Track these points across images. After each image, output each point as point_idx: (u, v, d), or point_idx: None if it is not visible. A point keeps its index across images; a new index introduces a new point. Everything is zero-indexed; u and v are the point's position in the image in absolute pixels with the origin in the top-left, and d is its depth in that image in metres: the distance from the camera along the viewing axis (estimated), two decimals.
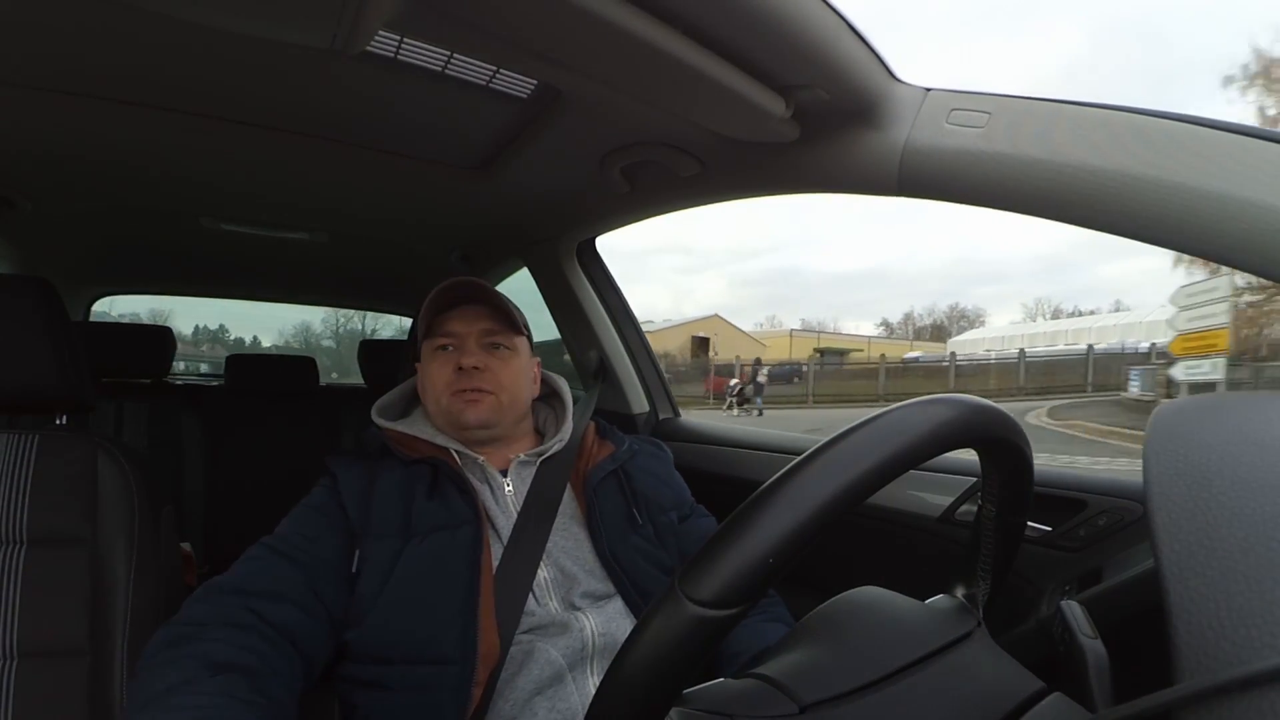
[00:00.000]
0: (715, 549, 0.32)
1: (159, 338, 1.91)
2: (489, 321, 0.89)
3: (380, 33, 0.62)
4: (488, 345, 0.88)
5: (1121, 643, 0.47)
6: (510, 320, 0.90)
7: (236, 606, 0.65)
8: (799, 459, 0.34)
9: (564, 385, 0.98)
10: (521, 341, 0.92)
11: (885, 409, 0.37)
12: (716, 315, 36.03)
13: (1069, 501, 0.79)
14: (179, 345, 2.02)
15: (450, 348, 0.87)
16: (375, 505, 0.77)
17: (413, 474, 0.81)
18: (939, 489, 0.91)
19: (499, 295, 0.89)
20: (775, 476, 0.34)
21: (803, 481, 0.33)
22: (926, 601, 0.50)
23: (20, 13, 0.63)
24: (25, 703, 0.69)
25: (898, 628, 0.45)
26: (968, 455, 0.46)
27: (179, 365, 3.42)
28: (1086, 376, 20.91)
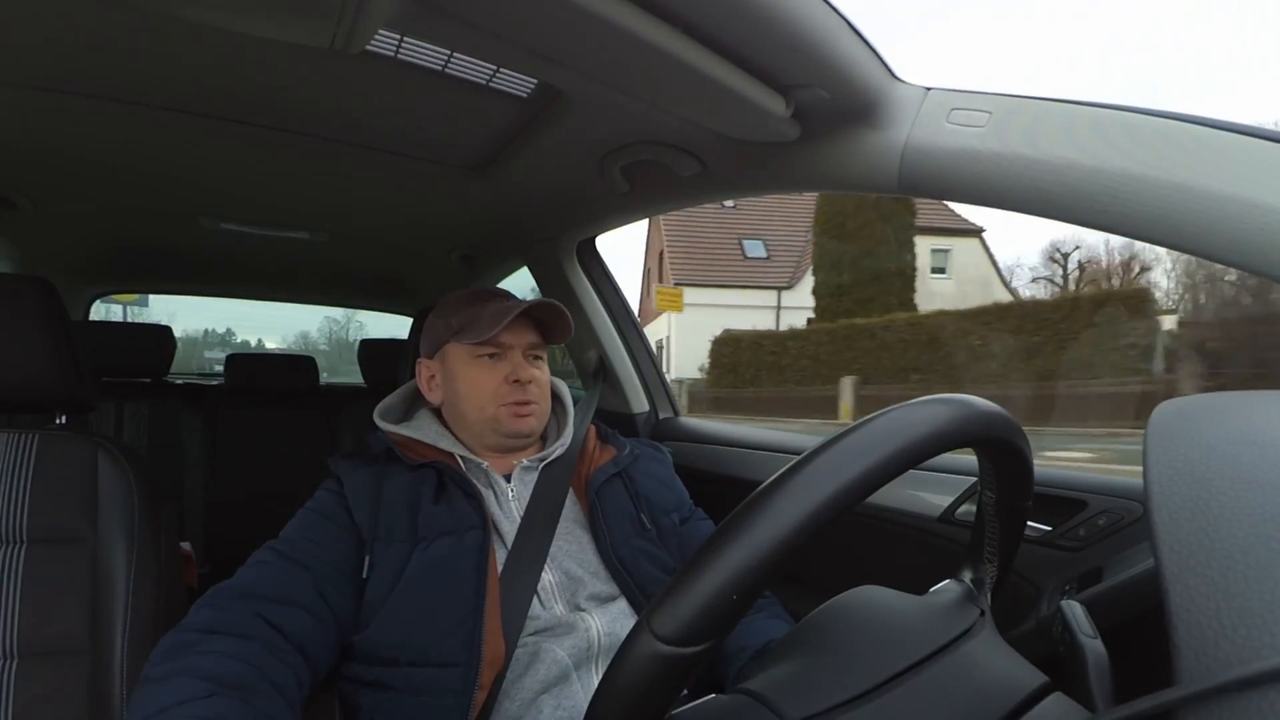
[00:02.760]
0: (680, 588, 0.32)
1: (159, 338, 1.91)
2: (534, 335, 0.90)
3: (380, 32, 0.62)
4: (530, 358, 0.90)
5: (1121, 643, 0.47)
6: (547, 335, 0.92)
7: (245, 612, 0.65)
8: (763, 486, 0.34)
9: (564, 388, 0.98)
10: None
11: (864, 419, 0.36)
12: None
13: (1069, 501, 0.79)
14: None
15: (494, 356, 0.87)
16: (383, 511, 0.77)
17: (418, 478, 0.81)
18: (939, 489, 0.91)
19: (559, 312, 0.89)
20: (742, 504, 0.33)
21: (766, 513, 0.32)
22: (932, 589, 0.49)
23: (20, 12, 0.63)
24: (25, 702, 0.69)
25: (895, 630, 0.44)
26: (968, 455, 0.46)
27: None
28: None
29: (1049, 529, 0.79)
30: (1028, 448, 0.45)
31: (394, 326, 2.60)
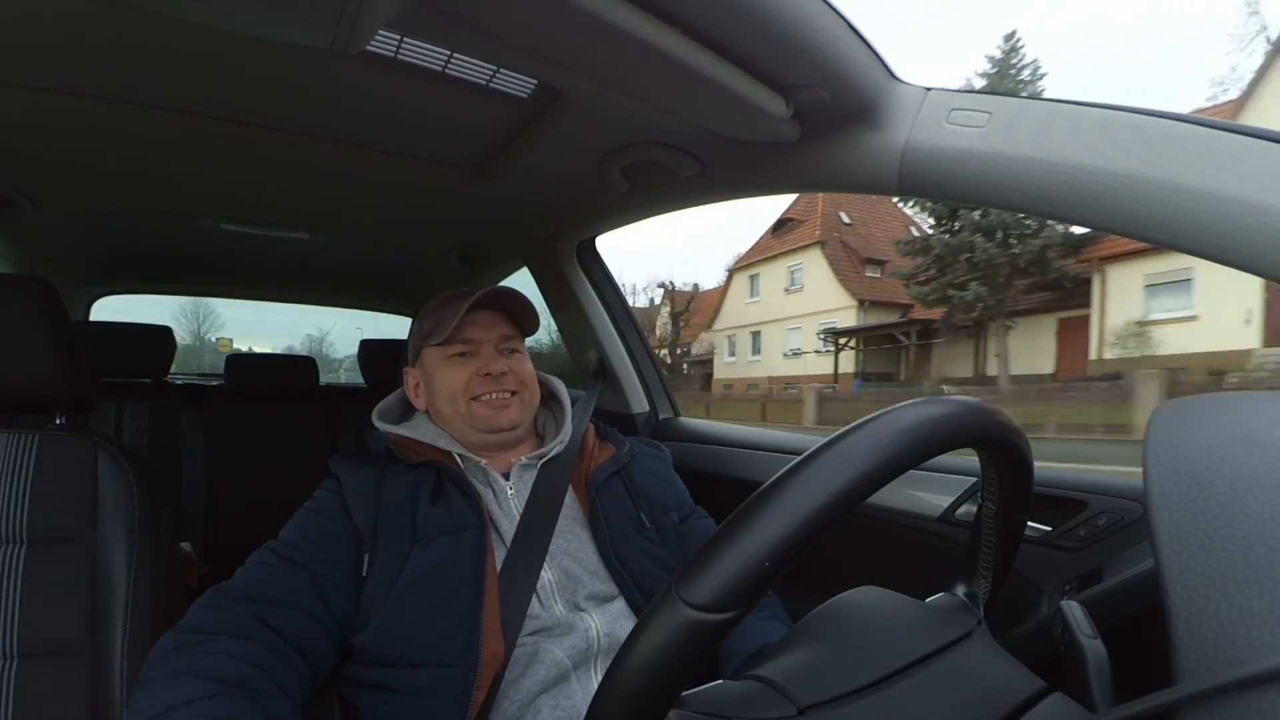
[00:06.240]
0: (712, 553, 0.32)
1: (159, 338, 1.91)
2: (506, 327, 0.90)
3: (380, 33, 0.62)
4: (504, 351, 0.89)
5: (1121, 643, 0.47)
6: (522, 327, 0.92)
7: (244, 614, 0.65)
8: (797, 460, 0.34)
9: (561, 387, 0.98)
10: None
11: (883, 410, 0.37)
12: None
13: (1069, 501, 0.79)
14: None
15: (466, 354, 0.88)
16: (382, 511, 0.77)
17: (417, 478, 0.81)
18: (939, 489, 0.91)
19: (518, 299, 0.89)
20: (773, 479, 0.34)
21: (801, 484, 0.33)
22: (927, 600, 0.50)
23: (20, 12, 0.63)
24: (25, 703, 0.69)
25: (898, 628, 0.45)
26: (968, 455, 0.46)
27: None
28: None
29: (1049, 529, 0.79)
30: (1031, 460, 0.45)
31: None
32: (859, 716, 0.38)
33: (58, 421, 0.84)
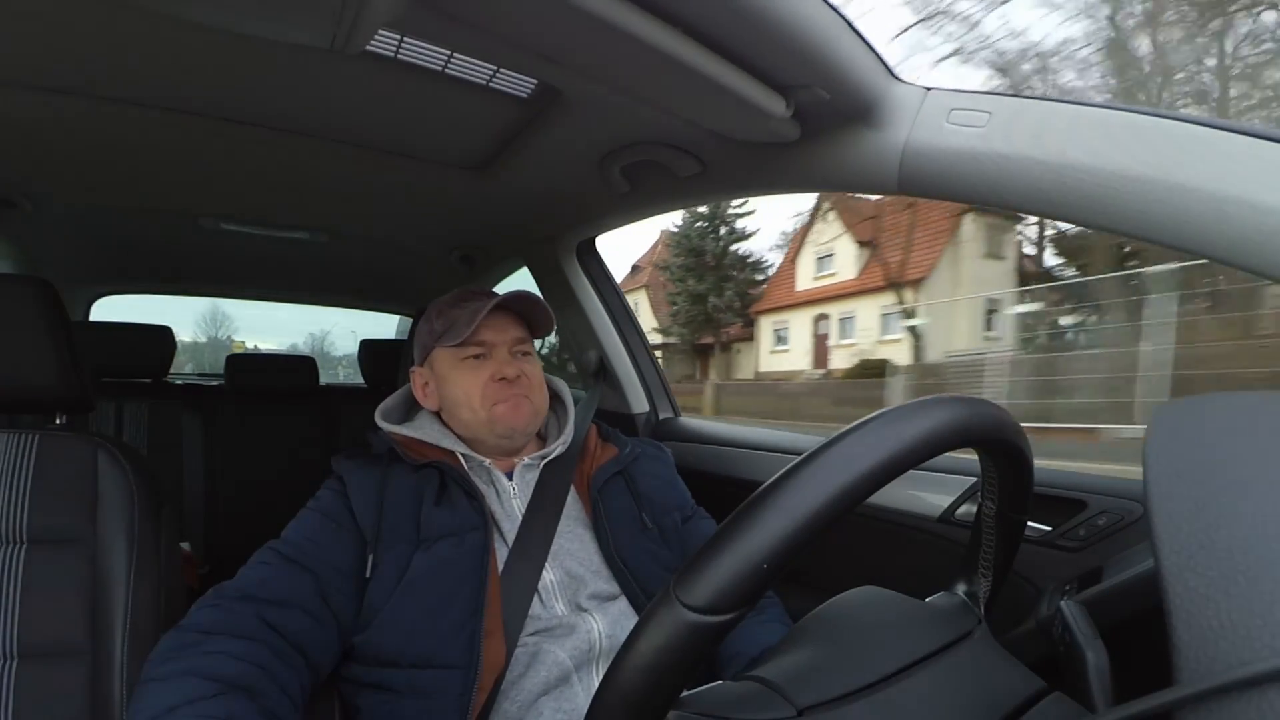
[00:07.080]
0: (710, 554, 0.32)
1: (159, 338, 1.91)
2: (519, 330, 0.90)
3: (380, 32, 0.62)
4: (516, 353, 0.89)
5: (1121, 643, 0.47)
6: (533, 329, 0.92)
7: (245, 614, 0.65)
8: (796, 461, 0.34)
9: (564, 387, 0.98)
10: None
11: (882, 410, 0.36)
12: None
13: (1069, 501, 0.79)
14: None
15: (480, 357, 0.87)
16: (386, 513, 0.77)
17: (421, 479, 0.81)
18: (939, 489, 0.91)
19: (533, 301, 0.89)
20: (771, 480, 0.34)
21: (798, 485, 0.33)
22: (928, 600, 0.50)
23: (21, 12, 0.64)
24: (25, 703, 0.69)
25: (897, 628, 0.45)
26: (968, 455, 0.46)
27: None
28: None
29: (1049, 529, 0.79)
30: (1031, 459, 0.45)
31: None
32: (858, 717, 0.38)
33: (58, 421, 0.84)
